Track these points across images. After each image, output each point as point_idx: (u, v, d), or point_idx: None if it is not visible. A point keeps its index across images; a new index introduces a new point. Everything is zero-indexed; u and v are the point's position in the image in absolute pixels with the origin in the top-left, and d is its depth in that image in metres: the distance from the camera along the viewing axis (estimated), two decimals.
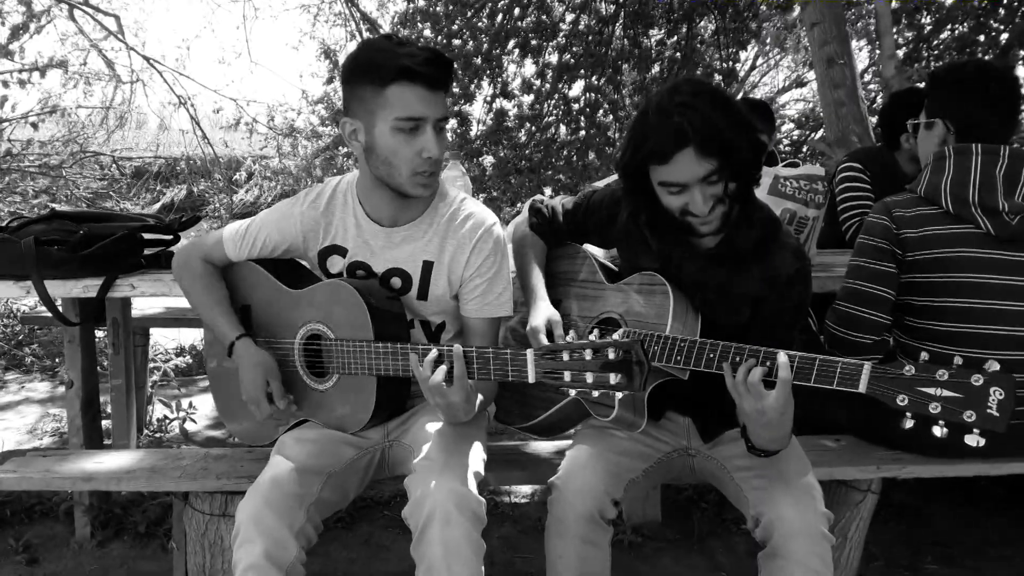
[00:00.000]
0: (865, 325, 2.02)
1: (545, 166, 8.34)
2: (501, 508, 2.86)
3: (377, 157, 1.70)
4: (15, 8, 6.12)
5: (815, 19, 5.16)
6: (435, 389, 1.55)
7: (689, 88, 1.62)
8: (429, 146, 1.66)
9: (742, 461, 1.78)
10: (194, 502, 1.99)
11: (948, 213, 2.02)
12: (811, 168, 2.63)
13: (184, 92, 7.35)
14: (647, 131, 1.63)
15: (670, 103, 1.60)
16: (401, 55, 1.60)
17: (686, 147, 1.59)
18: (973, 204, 1.99)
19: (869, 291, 2.04)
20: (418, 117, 1.64)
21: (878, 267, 2.04)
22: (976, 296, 1.98)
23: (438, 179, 1.75)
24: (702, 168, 1.61)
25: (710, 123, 1.57)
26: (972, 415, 1.36)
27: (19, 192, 5.37)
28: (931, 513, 2.84)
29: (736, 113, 1.63)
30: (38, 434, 3.59)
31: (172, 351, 4.78)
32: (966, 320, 1.99)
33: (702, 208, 1.65)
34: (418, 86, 1.61)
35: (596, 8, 8.63)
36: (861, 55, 9.55)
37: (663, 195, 1.70)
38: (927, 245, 2.02)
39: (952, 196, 2.02)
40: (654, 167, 1.66)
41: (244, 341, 1.83)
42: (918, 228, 2.03)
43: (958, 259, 1.99)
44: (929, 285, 2.02)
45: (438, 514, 1.52)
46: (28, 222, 2.40)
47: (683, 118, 1.57)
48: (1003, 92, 2.08)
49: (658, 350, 1.70)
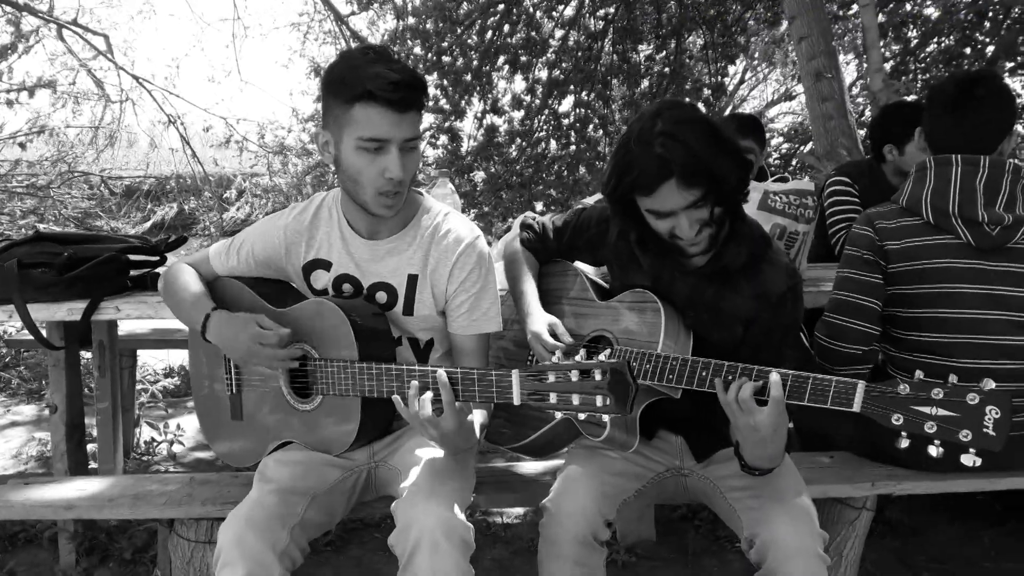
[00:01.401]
0: (854, 336, 2.01)
1: (536, 181, 8.34)
2: (493, 529, 2.82)
3: (344, 172, 1.69)
4: (3, 29, 6.11)
5: (803, 33, 5.19)
6: (425, 423, 1.52)
7: (671, 116, 1.60)
8: (392, 167, 1.63)
9: (736, 481, 1.76)
10: (179, 529, 1.96)
11: (929, 224, 2.02)
12: (800, 183, 2.62)
13: (174, 111, 7.34)
14: (630, 161, 1.62)
15: (651, 133, 1.59)
16: (367, 76, 1.56)
17: (669, 179, 1.58)
18: (953, 215, 1.99)
19: (856, 302, 2.03)
20: (381, 139, 1.61)
21: (864, 278, 2.04)
22: (960, 306, 1.98)
23: (403, 198, 1.72)
24: (685, 198, 1.60)
25: (692, 153, 1.56)
26: (968, 435, 1.35)
27: (6, 213, 5.33)
28: (927, 529, 2.82)
29: (719, 139, 1.62)
30: (23, 459, 3.54)
31: (161, 372, 4.73)
32: (951, 330, 1.99)
33: (688, 233, 1.65)
34: (382, 107, 1.58)
35: (585, 24, 8.67)
36: (849, 68, 9.62)
37: (650, 219, 1.70)
38: (909, 257, 2.02)
39: (932, 207, 2.02)
40: (639, 196, 1.66)
41: (220, 311, 1.78)
42: (900, 240, 2.04)
43: (940, 270, 1.99)
44: (913, 296, 2.03)
45: (425, 542, 1.49)
46: (12, 244, 2.37)
47: (664, 149, 1.56)
48: (979, 104, 2.05)
49: (650, 368, 1.68)
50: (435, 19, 7.93)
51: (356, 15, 8.89)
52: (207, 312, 1.79)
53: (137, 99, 7.52)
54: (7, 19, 5.94)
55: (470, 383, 1.51)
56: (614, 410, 1.35)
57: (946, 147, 2.05)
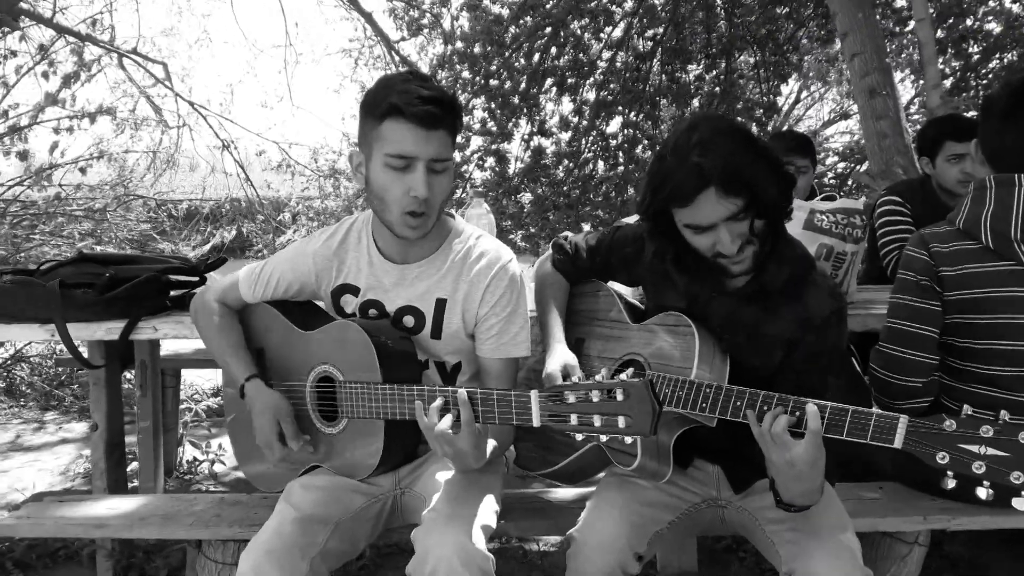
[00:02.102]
0: (911, 367, 1.89)
1: (583, 202, 8.32)
2: (529, 556, 2.76)
3: (372, 191, 1.68)
4: (67, 58, 6.35)
5: (855, 50, 5.07)
6: (440, 437, 1.49)
7: (707, 126, 1.56)
8: (417, 186, 1.61)
9: (773, 513, 1.67)
10: (207, 550, 1.94)
11: (988, 249, 1.87)
12: (848, 201, 2.53)
13: (228, 135, 7.52)
14: (666, 173, 1.56)
15: (687, 143, 1.54)
16: (397, 92, 1.58)
17: (707, 188, 1.51)
18: (1016, 240, 1.84)
19: (914, 331, 1.90)
20: (408, 156, 1.60)
21: (921, 305, 1.91)
22: (1019, 338, 1.84)
23: (431, 221, 1.70)
24: (726, 208, 1.53)
25: (731, 161, 1.50)
26: (1020, 476, 1.24)
27: (65, 235, 5.51)
28: (988, 564, 2.66)
29: (758, 148, 1.56)
30: (70, 475, 3.61)
31: (208, 391, 4.79)
32: (1012, 363, 1.85)
33: (730, 248, 1.57)
34: (410, 124, 1.58)
35: (633, 45, 8.64)
36: (907, 86, 9.39)
37: (688, 235, 1.63)
38: (965, 285, 1.88)
39: (993, 231, 1.86)
40: (676, 209, 1.59)
41: (254, 383, 1.81)
42: (956, 266, 1.89)
43: (1000, 299, 1.85)
44: (969, 327, 1.89)
45: (442, 571, 1.45)
46: (56, 265, 2.42)
47: (702, 158, 1.51)
48: None
49: (683, 396, 1.61)
50: (483, 43, 8.00)
51: (406, 40, 9.01)
52: (242, 382, 1.83)
53: (194, 124, 7.75)
54: (71, 49, 6.18)
55: (490, 403, 1.47)
56: (636, 432, 1.30)
57: (1002, 161, 1.91)
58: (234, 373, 1.85)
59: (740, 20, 8.40)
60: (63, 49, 6.28)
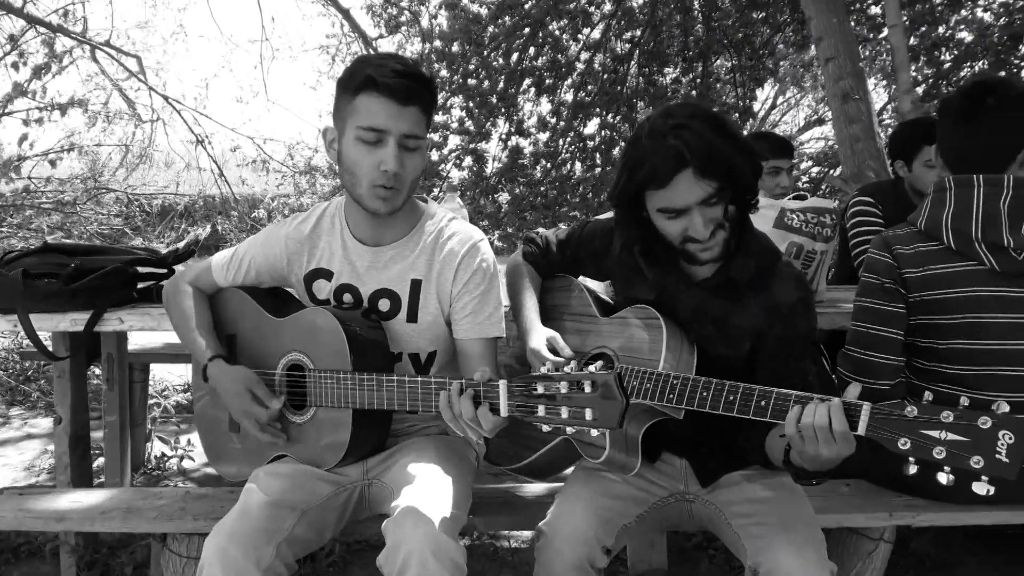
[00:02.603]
0: (879, 370, 1.90)
1: (560, 203, 8.34)
2: (500, 554, 2.75)
3: (343, 166, 1.68)
4: (38, 49, 6.24)
5: (829, 55, 5.12)
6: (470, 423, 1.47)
7: (683, 111, 1.57)
8: (388, 160, 1.61)
9: (740, 507, 1.68)
10: (171, 544, 1.92)
11: (950, 249, 1.89)
12: (818, 201, 2.55)
13: (203, 131, 7.44)
14: (642, 155, 1.56)
15: (664, 126, 1.54)
16: (372, 65, 1.59)
17: (684, 169, 1.52)
18: (977, 240, 1.86)
19: (880, 334, 1.91)
20: (379, 128, 1.61)
21: (886, 308, 1.92)
22: (985, 337, 1.86)
23: (401, 197, 1.69)
24: (702, 190, 1.54)
25: (708, 143, 1.51)
26: (980, 461, 1.25)
27: (33, 228, 5.42)
28: (955, 563, 2.69)
29: (733, 133, 1.57)
30: (35, 471, 3.54)
31: (178, 387, 4.73)
32: (977, 362, 1.88)
33: (703, 232, 1.58)
34: (384, 97, 1.59)
35: (611, 47, 8.68)
36: (880, 92, 9.51)
37: (661, 222, 1.63)
38: (929, 286, 1.89)
39: (954, 232, 1.88)
40: (651, 192, 1.59)
41: (217, 362, 1.79)
42: (919, 267, 1.90)
43: (962, 300, 1.87)
44: (934, 327, 1.91)
45: (414, 562, 1.44)
46: (21, 255, 2.38)
47: (679, 140, 1.51)
48: (991, 114, 1.90)
49: (650, 387, 1.61)
50: (461, 42, 7.99)
51: (384, 38, 8.98)
52: (205, 361, 1.80)
53: (168, 119, 7.67)
54: (42, 40, 6.08)
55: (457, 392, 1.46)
56: (603, 424, 1.30)
57: (960, 163, 1.93)
58: (200, 353, 1.82)
59: (717, 24, 8.47)
60: (34, 40, 6.18)
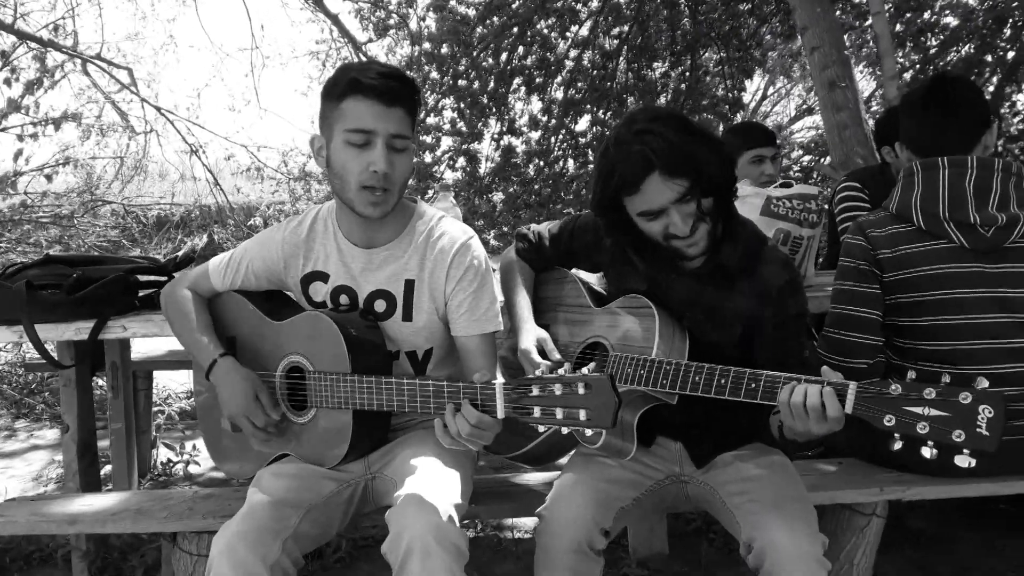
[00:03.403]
0: (859, 350, 1.97)
1: (554, 200, 8.37)
2: (504, 544, 2.80)
3: (333, 171, 1.72)
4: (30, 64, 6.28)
5: (815, 43, 5.16)
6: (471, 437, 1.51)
7: (644, 116, 1.65)
8: (377, 161, 1.65)
9: (735, 486, 1.73)
10: (181, 543, 1.96)
11: (921, 230, 1.97)
12: (804, 188, 2.60)
13: (196, 140, 7.48)
14: (612, 165, 1.64)
15: (628, 133, 1.62)
16: (356, 70, 1.63)
17: (652, 172, 1.59)
18: (945, 219, 1.95)
19: (858, 315, 1.99)
20: (367, 130, 1.65)
21: (863, 289, 2.00)
22: (960, 312, 1.93)
23: (392, 199, 1.73)
24: (672, 190, 1.61)
25: (671, 144, 1.58)
26: (961, 435, 1.31)
27: (32, 243, 5.46)
28: (950, 538, 2.74)
29: (695, 129, 1.64)
30: (43, 481, 3.59)
31: (181, 394, 4.78)
32: (954, 337, 1.94)
33: (683, 228, 1.64)
34: (369, 99, 1.63)
35: (599, 44, 8.71)
36: (868, 79, 9.56)
37: (643, 224, 1.69)
38: (902, 265, 1.97)
39: (923, 212, 1.97)
40: (627, 198, 1.66)
41: (228, 359, 1.81)
42: (892, 248, 1.99)
43: (935, 276, 1.95)
44: (911, 305, 1.98)
45: (417, 548, 1.48)
46: (23, 267, 2.42)
47: (643, 144, 1.58)
48: (950, 101, 2.04)
49: (644, 374, 1.66)
50: (450, 43, 8.02)
51: (373, 42, 9.02)
52: (213, 359, 1.82)
53: (161, 130, 7.71)
54: (33, 55, 6.12)
55: (455, 393, 1.51)
56: (597, 424, 1.35)
57: (927, 149, 2.03)
58: (204, 352, 1.84)
59: (704, 17, 8.49)
60: (25, 55, 6.22)
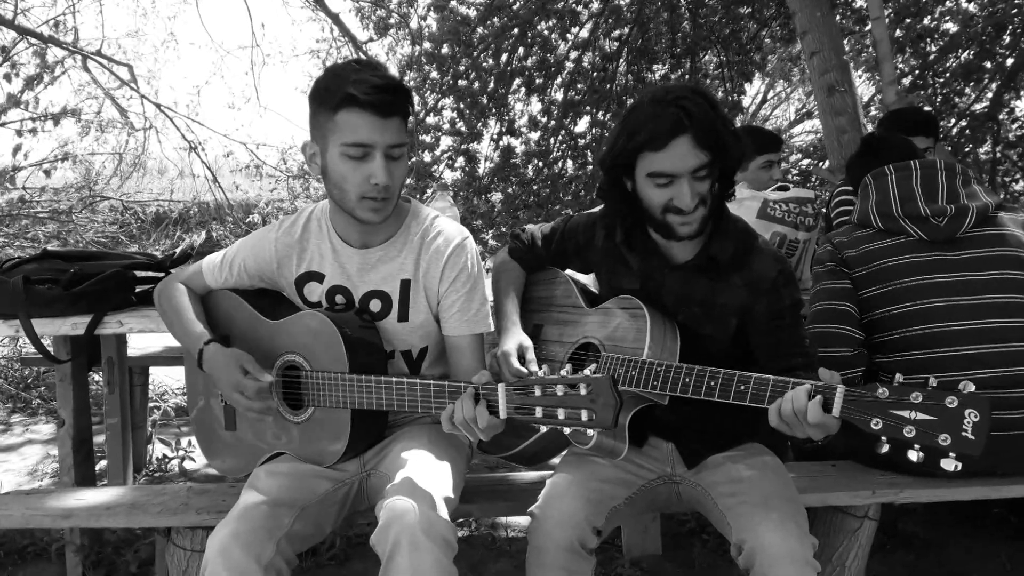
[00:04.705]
0: (838, 339, 2.04)
1: (553, 201, 8.37)
2: (498, 543, 2.81)
3: (330, 181, 1.71)
4: (30, 60, 6.28)
5: (814, 48, 5.18)
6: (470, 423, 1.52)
7: (681, 88, 1.65)
8: (378, 173, 1.65)
9: (726, 487, 1.74)
10: (175, 538, 1.97)
11: (880, 230, 2.15)
12: (800, 191, 2.62)
13: (195, 137, 7.48)
14: (642, 120, 1.63)
15: (665, 96, 1.63)
16: (350, 82, 1.60)
17: (683, 134, 1.60)
18: (899, 216, 2.12)
19: (833, 307, 2.09)
20: (365, 143, 1.64)
21: (834, 285, 2.13)
22: (927, 297, 2.04)
23: (392, 205, 1.74)
24: (696, 159, 1.61)
25: (707, 116, 1.60)
26: (947, 439, 1.32)
27: (29, 237, 5.46)
28: (943, 543, 2.75)
29: (726, 116, 1.67)
30: (38, 475, 3.59)
31: (176, 390, 4.78)
32: (925, 321, 2.03)
33: (688, 202, 1.64)
34: (366, 112, 1.61)
35: (599, 45, 8.72)
36: (867, 83, 9.57)
37: (648, 189, 1.68)
38: (867, 260, 2.12)
39: (879, 214, 2.16)
40: (646, 155, 1.64)
41: (213, 345, 1.79)
42: (857, 247, 2.15)
43: (900, 266, 2.08)
44: (881, 296, 2.09)
45: (405, 539, 1.49)
46: (20, 262, 2.42)
47: (680, 109, 1.59)
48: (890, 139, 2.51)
49: (635, 375, 1.67)
50: (451, 43, 8.02)
51: (374, 41, 9.01)
52: (201, 346, 1.80)
53: (160, 126, 7.71)
54: (33, 51, 6.12)
55: (457, 395, 1.52)
56: (598, 424, 1.37)
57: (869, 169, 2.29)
58: (194, 341, 1.82)
59: (704, 20, 8.51)
60: (25, 51, 6.22)
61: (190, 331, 1.85)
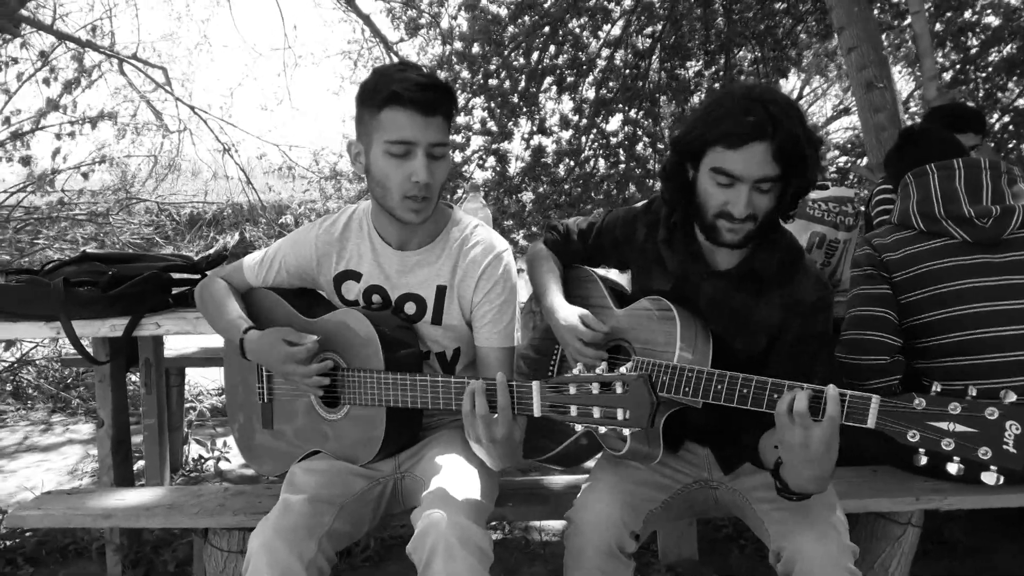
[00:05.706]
0: (874, 347, 1.98)
1: (584, 200, 8.33)
2: (532, 547, 2.79)
3: (373, 179, 1.72)
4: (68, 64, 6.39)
5: (852, 44, 5.09)
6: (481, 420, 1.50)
7: (775, 94, 1.58)
8: (419, 171, 1.65)
9: (764, 492, 1.71)
10: (212, 539, 1.98)
11: (922, 232, 2.06)
12: (840, 190, 2.56)
13: (229, 139, 7.57)
14: (725, 112, 1.56)
15: (758, 96, 1.56)
16: (394, 80, 1.62)
17: (762, 140, 1.53)
18: (942, 218, 2.03)
19: (870, 313, 2.02)
20: (408, 141, 1.64)
21: (872, 290, 2.05)
22: (971, 302, 1.97)
23: (432, 205, 1.74)
24: (765, 169, 1.54)
25: (791, 130, 1.53)
26: (987, 452, 1.27)
27: (68, 239, 5.57)
28: (989, 550, 2.68)
29: (814, 137, 1.58)
30: (78, 475, 3.65)
31: (212, 391, 4.83)
32: (969, 327, 1.96)
33: (741, 210, 1.57)
34: (409, 110, 1.62)
35: (632, 43, 8.66)
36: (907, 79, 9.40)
37: (707, 184, 1.61)
38: (908, 264, 2.04)
39: (921, 215, 2.07)
40: (717, 149, 1.57)
41: (251, 332, 1.81)
42: (897, 250, 2.07)
43: (942, 270, 2.01)
44: (922, 302, 2.02)
45: (441, 548, 1.48)
46: (60, 264, 2.46)
47: (766, 113, 1.52)
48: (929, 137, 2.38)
49: (667, 380, 1.63)
50: (481, 43, 8.02)
51: (405, 42, 9.05)
52: (241, 336, 1.83)
53: (195, 129, 7.81)
54: (71, 55, 6.23)
55: (491, 393, 1.50)
56: (634, 424, 1.34)
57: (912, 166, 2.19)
58: (234, 331, 1.85)
59: (738, 16, 8.42)
60: (64, 55, 6.33)
61: (231, 322, 1.88)
